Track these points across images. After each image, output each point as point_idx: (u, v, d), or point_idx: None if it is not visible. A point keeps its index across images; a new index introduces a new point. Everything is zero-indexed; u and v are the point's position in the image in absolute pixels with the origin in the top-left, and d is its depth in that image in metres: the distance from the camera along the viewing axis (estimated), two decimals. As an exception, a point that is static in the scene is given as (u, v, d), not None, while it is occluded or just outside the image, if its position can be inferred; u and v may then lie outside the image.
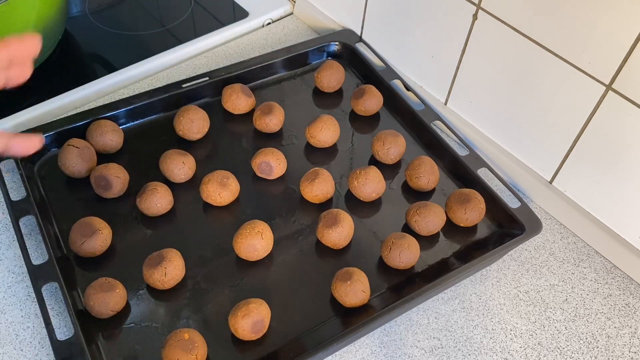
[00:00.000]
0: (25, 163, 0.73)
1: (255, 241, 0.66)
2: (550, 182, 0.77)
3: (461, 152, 0.78)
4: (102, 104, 0.81)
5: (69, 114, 0.82)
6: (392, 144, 0.77)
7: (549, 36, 0.67)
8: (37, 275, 0.63)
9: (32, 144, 0.58)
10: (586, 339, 0.67)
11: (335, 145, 0.80)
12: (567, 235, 0.76)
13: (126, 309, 0.63)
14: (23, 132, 0.75)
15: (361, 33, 0.94)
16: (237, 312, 0.60)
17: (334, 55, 0.93)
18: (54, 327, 0.61)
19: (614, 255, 0.73)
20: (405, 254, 0.66)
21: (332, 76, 0.86)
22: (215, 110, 0.82)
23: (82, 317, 0.62)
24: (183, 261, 0.65)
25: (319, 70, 0.87)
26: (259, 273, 0.68)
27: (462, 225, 0.72)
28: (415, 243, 0.67)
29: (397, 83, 0.87)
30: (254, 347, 0.61)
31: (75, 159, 0.72)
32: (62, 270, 0.64)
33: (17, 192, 0.72)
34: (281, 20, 1.03)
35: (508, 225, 0.72)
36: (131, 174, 0.73)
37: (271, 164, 0.74)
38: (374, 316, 0.62)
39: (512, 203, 0.73)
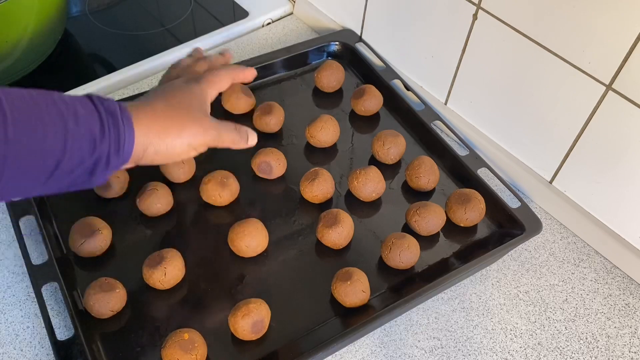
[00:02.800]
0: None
1: (248, 239, 0.66)
2: (550, 182, 0.77)
3: (461, 152, 0.78)
4: (102, 104, 0.81)
5: (69, 114, 0.82)
6: (392, 144, 0.77)
7: (549, 36, 0.67)
8: (37, 275, 0.63)
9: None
10: (586, 339, 0.67)
11: (335, 145, 0.80)
12: (567, 235, 0.76)
13: (126, 309, 0.63)
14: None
15: (361, 33, 0.94)
16: (237, 312, 0.60)
17: (334, 55, 0.93)
18: (54, 327, 0.61)
19: (614, 255, 0.73)
20: (405, 254, 0.66)
21: (332, 76, 0.86)
22: (215, 110, 0.81)
23: (82, 317, 0.62)
24: (183, 261, 0.65)
25: (319, 70, 0.87)
26: (259, 273, 0.68)
27: (462, 225, 0.72)
28: (415, 243, 0.67)
29: (397, 83, 0.87)
30: (254, 347, 0.61)
31: (75, 159, 0.72)
32: (62, 270, 0.64)
33: (17, 192, 0.72)
34: (281, 20, 1.03)
35: (508, 225, 0.72)
36: (131, 174, 0.73)
37: (271, 164, 0.74)
38: (374, 316, 0.62)
39: (512, 203, 0.73)
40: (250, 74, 0.67)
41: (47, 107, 0.47)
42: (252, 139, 0.64)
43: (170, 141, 0.55)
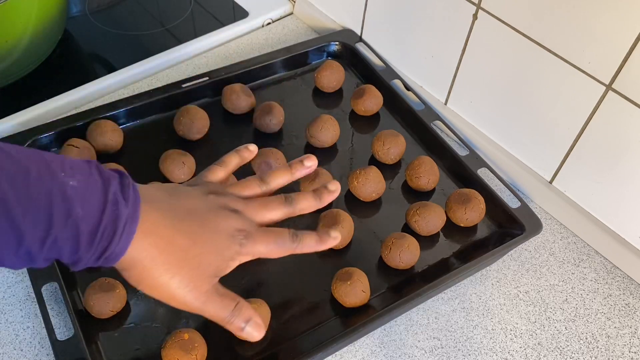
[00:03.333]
0: (25, 163, 0.73)
1: None
2: (550, 182, 0.77)
3: (461, 152, 0.78)
4: (102, 104, 0.81)
5: (69, 114, 0.82)
6: (392, 144, 0.77)
7: (549, 36, 0.67)
8: (37, 275, 0.63)
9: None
10: (586, 339, 0.67)
11: (335, 145, 0.80)
12: (567, 235, 0.76)
13: (126, 309, 0.63)
14: (26, 131, 0.75)
15: (361, 33, 0.94)
16: (237, 312, 0.60)
17: (334, 55, 0.93)
18: (54, 327, 0.61)
19: (614, 255, 0.73)
20: (405, 254, 0.66)
21: (332, 76, 0.86)
22: (215, 110, 0.82)
23: (82, 317, 0.62)
24: (183, 261, 0.65)
25: (319, 70, 0.87)
26: (259, 273, 0.67)
27: (462, 225, 0.72)
28: (415, 243, 0.67)
29: (397, 83, 0.87)
30: (254, 347, 0.61)
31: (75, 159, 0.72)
32: (62, 270, 0.64)
33: (17, 192, 0.72)
34: (281, 20, 1.03)
35: (508, 225, 0.72)
36: (131, 174, 0.73)
37: (271, 164, 0.74)
38: (374, 316, 0.62)
39: (512, 203, 0.73)
40: (329, 243, 0.57)
41: (37, 193, 0.41)
42: (251, 333, 0.52)
43: (155, 283, 0.48)
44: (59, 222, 0.41)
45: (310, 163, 0.60)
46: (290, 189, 0.75)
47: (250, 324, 0.52)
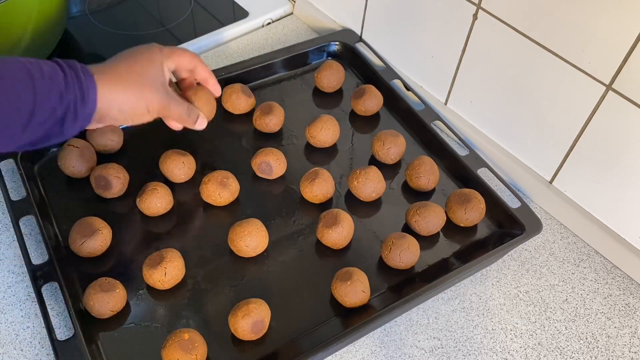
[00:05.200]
0: (25, 163, 0.73)
1: (247, 239, 0.66)
2: (550, 182, 0.77)
3: (461, 152, 0.78)
4: (102, 104, 0.81)
5: (69, 114, 0.82)
6: (392, 144, 0.77)
7: (549, 36, 0.67)
8: (37, 275, 0.63)
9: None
10: (586, 339, 0.67)
11: (335, 145, 0.80)
12: (567, 235, 0.76)
13: (126, 309, 0.63)
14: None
15: (361, 33, 0.94)
16: (237, 312, 0.60)
17: (334, 55, 0.93)
18: (54, 327, 0.61)
19: (614, 255, 0.73)
20: (405, 254, 0.66)
21: (332, 76, 0.86)
22: (216, 110, 0.82)
23: (82, 317, 0.62)
24: (183, 261, 0.65)
25: (319, 70, 0.87)
26: (259, 273, 0.68)
27: (462, 225, 0.72)
28: (415, 243, 0.67)
29: (397, 83, 0.87)
30: (254, 347, 0.61)
31: (75, 159, 0.72)
32: (62, 270, 0.64)
33: (17, 192, 0.72)
34: (281, 20, 1.03)
35: (508, 225, 0.72)
36: (131, 174, 0.73)
37: (271, 164, 0.74)
38: (374, 316, 0.62)
39: (512, 203, 0.73)
40: (216, 88, 0.71)
41: (14, 66, 0.51)
42: (201, 124, 0.68)
43: (133, 100, 0.59)
44: (37, 76, 0.52)
45: None
46: (292, 190, 0.76)
47: (200, 119, 0.68)
